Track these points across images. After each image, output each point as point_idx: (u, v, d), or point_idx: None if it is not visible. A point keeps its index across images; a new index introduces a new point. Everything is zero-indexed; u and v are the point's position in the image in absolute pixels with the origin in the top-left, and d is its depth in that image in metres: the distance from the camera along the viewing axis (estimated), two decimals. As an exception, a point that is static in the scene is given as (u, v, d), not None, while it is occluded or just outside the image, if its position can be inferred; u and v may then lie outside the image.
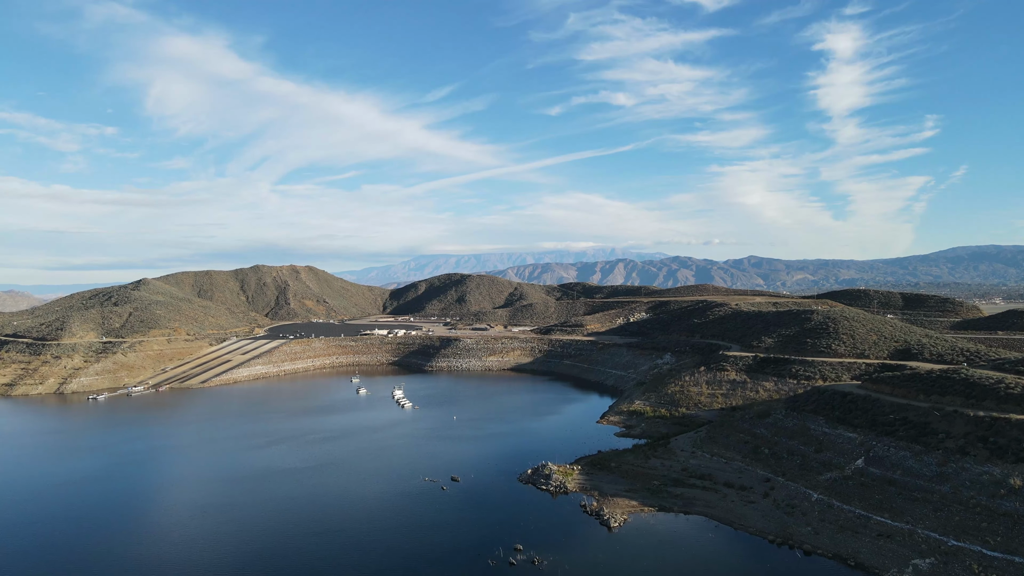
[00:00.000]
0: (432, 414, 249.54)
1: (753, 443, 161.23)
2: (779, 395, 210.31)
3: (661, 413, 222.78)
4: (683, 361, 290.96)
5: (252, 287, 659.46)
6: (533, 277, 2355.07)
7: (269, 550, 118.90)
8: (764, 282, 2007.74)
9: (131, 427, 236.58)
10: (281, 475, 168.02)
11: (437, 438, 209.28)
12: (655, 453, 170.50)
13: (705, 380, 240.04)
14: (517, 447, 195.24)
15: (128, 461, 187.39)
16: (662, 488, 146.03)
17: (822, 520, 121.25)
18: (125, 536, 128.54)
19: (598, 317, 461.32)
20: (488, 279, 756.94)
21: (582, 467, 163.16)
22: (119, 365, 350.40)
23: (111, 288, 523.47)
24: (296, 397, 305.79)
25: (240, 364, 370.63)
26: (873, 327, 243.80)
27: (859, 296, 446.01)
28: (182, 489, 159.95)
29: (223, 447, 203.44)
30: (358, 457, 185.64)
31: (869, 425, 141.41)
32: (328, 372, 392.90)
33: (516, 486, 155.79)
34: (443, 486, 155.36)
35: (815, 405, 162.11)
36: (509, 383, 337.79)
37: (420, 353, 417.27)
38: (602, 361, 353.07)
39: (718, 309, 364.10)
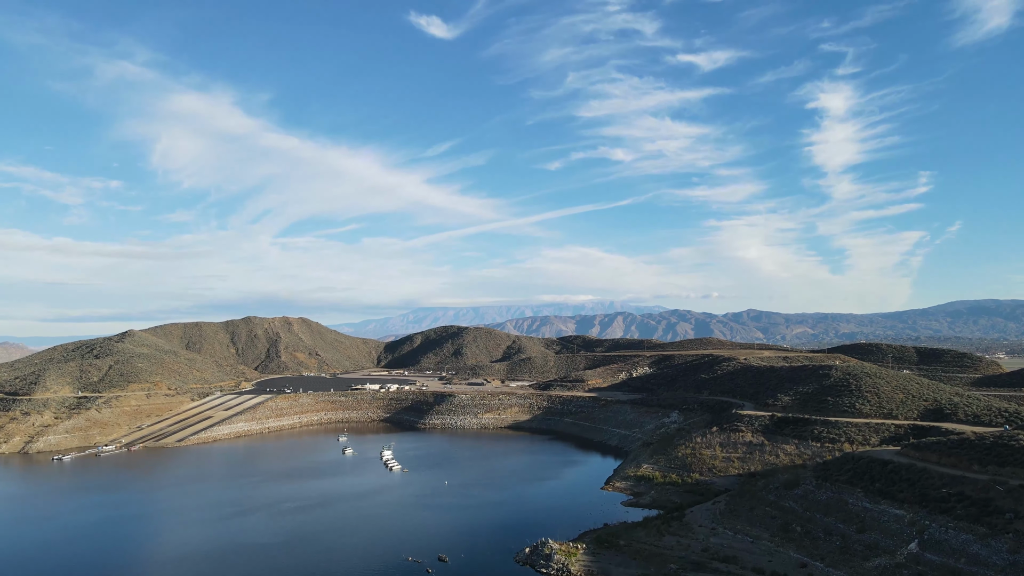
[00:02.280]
0: (422, 478, 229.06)
1: (782, 519, 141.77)
2: (801, 460, 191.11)
3: (672, 479, 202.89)
4: (692, 420, 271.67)
5: (243, 339, 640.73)
6: (532, 330, 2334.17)
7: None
8: (764, 335, 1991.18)
9: (90, 493, 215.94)
10: (244, 553, 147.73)
11: (426, 507, 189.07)
12: (669, 529, 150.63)
13: (718, 442, 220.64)
14: (514, 518, 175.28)
15: (75, 534, 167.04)
16: (680, 574, 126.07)
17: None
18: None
19: (599, 372, 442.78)
20: (485, 332, 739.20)
21: (587, 545, 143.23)
22: (91, 422, 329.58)
23: (95, 340, 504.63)
24: (277, 458, 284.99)
25: (221, 421, 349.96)
26: (899, 384, 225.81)
27: (872, 351, 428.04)
28: (124, 570, 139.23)
29: (186, 517, 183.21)
30: (336, 530, 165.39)
31: (919, 501, 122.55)
32: (315, 429, 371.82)
33: (512, 568, 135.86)
34: (428, 568, 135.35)
35: (850, 475, 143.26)
36: (506, 443, 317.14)
37: (413, 409, 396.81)
38: (605, 419, 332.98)
39: (726, 364, 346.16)
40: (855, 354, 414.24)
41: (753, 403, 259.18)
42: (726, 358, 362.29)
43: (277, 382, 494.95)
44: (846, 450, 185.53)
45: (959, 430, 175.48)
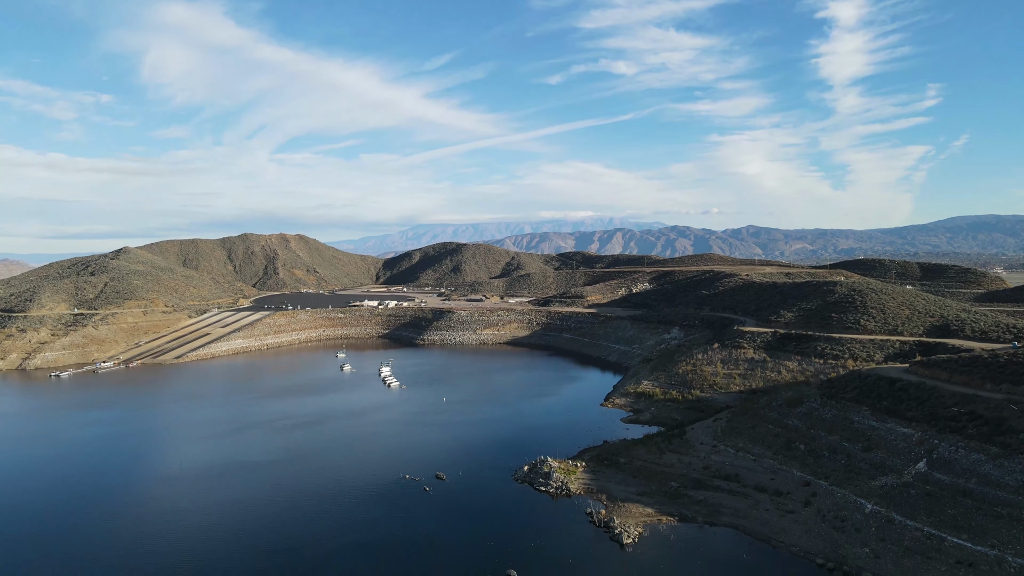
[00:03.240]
0: (420, 395, 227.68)
1: (785, 436, 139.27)
2: (804, 377, 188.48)
3: (672, 396, 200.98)
4: (693, 336, 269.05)
5: (240, 256, 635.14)
6: (531, 247, 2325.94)
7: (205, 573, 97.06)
8: (762, 251, 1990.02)
9: (88, 410, 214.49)
10: (240, 471, 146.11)
11: (424, 424, 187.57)
12: (670, 446, 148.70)
13: (720, 358, 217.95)
14: (512, 435, 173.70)
15: (73, 451, 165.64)
16: (681, 492, 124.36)
17: (882, 539, 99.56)
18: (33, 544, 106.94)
19: (599, 288, 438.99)
20: (484, 248, 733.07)
21: (587, 463, 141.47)
22: (89, 339, 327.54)
23: (90, 257, 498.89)
24: (275, 375, 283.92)
25: (219, 338, 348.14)
26: (904, 300, 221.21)
27: (874, 266, 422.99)
28: (118, 489, 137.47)
29: (183, 434, 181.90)
30: (333, 448, 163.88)
31: (928, 419, 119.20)
32: (314, 346, 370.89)
33: (510, 486, 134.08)
34: (426, 486, 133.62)
35: (856, 392, 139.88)
36: (505, 359, 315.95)
37: (411, 326, 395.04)
38: (604, 335, 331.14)
39: (728, 280, 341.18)
40: (857, 270, 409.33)
41: (755, 320, 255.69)
42: (727, 274, 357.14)
43: (275, 299, 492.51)
44: (850, 367, 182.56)
45: (966, 347, 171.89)
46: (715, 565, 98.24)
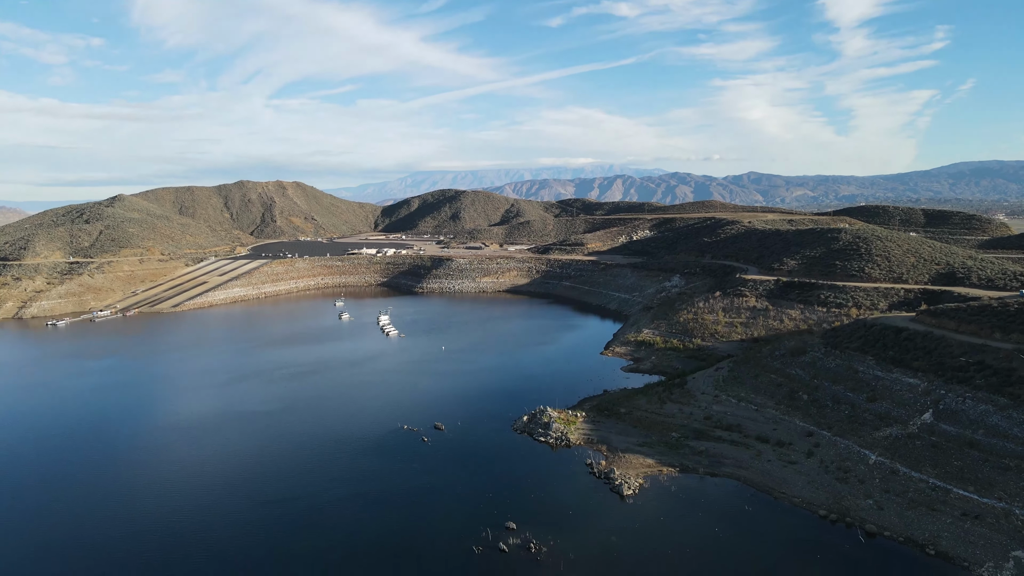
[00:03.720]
0: (419, 343, 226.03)
1: (788, 386, 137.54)
2: (807, 325, 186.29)
3: (673, 344, 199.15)
4: (694, 284, 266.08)
5: (236, 204, 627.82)
6: (530, 194, 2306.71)
7: (199, 527, 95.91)
8: (763, 198, 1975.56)
9: (84, 359, 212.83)
10: (235, 422, 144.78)
11: (422, 373, 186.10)
12: (671, 396, 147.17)
13: (721, 307, 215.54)
14: (511, 384, 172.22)
15: (70, 401, 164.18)
16: (682, 442, 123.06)
17: (886, 491, 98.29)
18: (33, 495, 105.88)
19: (599, 235, 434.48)
20: (484, 195, 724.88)
21: (587, 413, 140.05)
22: (85, 287, 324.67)
23: (84, 205, 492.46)
24: (272, 323, 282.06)
25: (216, 286, 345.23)
26: (910, 248, 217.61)
27: (878, 213, 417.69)
28: (116, 439, 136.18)
29: (178, 384, 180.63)
30: (330, 398, 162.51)
31: (934, 369, 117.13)
32: (312, 294, 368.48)
33: (510, 437, 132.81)
34: (424, 437, 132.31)
35: (861, 342, 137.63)
36: (504, 307, 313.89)
37: (410, 274, 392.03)
38: (604, 283, 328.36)
39: (729, 227, 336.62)
40: (861, 216, 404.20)
41: (757, 267, 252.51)
42: (729, 221, 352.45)
43: (273, 247, 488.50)
44: (853, 315, 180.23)
45: (973, 295, 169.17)
46: (716, 516, 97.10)
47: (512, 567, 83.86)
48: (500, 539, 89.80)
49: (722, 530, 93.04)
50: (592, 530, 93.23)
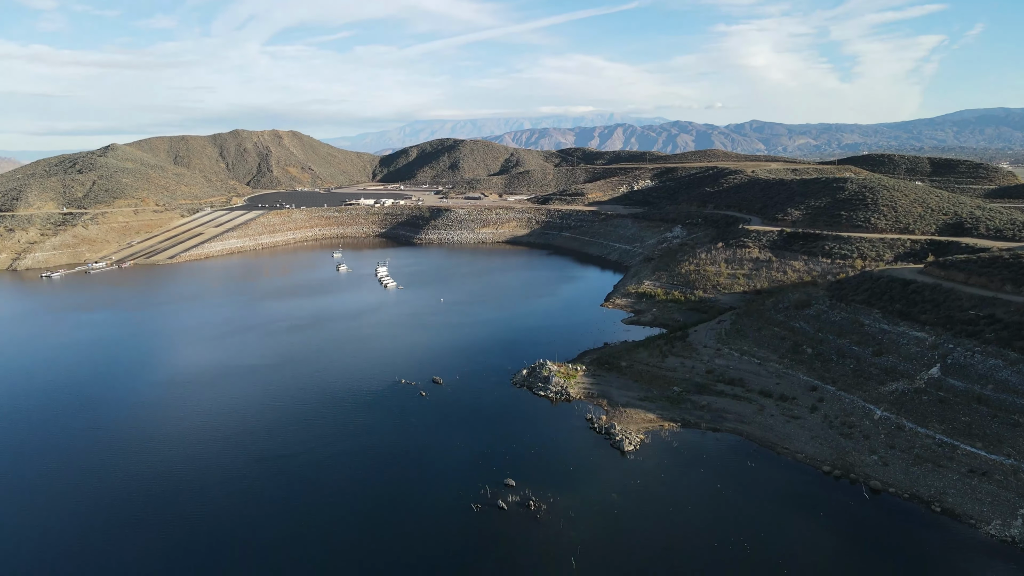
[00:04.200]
0: (417, 296, 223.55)
1: (792, 340, 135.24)
2: (811, 277, 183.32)
3: (674, 296, 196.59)
4: (696, 235, 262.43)
5: (232, 154, 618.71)
6: (530, 143, 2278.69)
7: (193, 484, 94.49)
8: (765, 147, 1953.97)
9: (79, 311, 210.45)
10: (231, 376, 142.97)
11: (421, 326, 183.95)
12: (672, 349, 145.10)
13: (723, 258, 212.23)
14: (510, 337, 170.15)
15: (65, 354, 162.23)
16: (683, 396, 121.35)
17: (891, 447, 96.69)
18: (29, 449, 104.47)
19: (599, 185, 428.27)
20: (483, 144, 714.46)
21: (587, 366, 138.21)
22: (79, 239, 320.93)
23: (77, 155, 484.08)
24: (270, 275, 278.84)
25: (213, 238, 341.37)
26: (917, 197, 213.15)
27: (883, 162, 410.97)
28: (112, 394, 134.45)
29: (173, 338, 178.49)
30: (327, 351, 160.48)
31: (943, 323, 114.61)
32: (309, 245, 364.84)
33: (509, 391, 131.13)
34: (422, 391, 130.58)
35: (867, 295, 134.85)
36: (503, 258, 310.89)
37: (409, 224, 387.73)
38: (605, 234, 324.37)
39: (732, 177, 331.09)
40: (866, 165, 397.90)
41: (761, 218, 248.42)
42: (732, 170, 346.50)
43: (269, 197, 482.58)
44: (858, 267, 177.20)
45: (981, 245, 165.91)
46: (718, 473, 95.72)
47: (511, 525, 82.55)
48: (499, 496, 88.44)
49: (724, 486, 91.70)
50: (592, 487, 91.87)
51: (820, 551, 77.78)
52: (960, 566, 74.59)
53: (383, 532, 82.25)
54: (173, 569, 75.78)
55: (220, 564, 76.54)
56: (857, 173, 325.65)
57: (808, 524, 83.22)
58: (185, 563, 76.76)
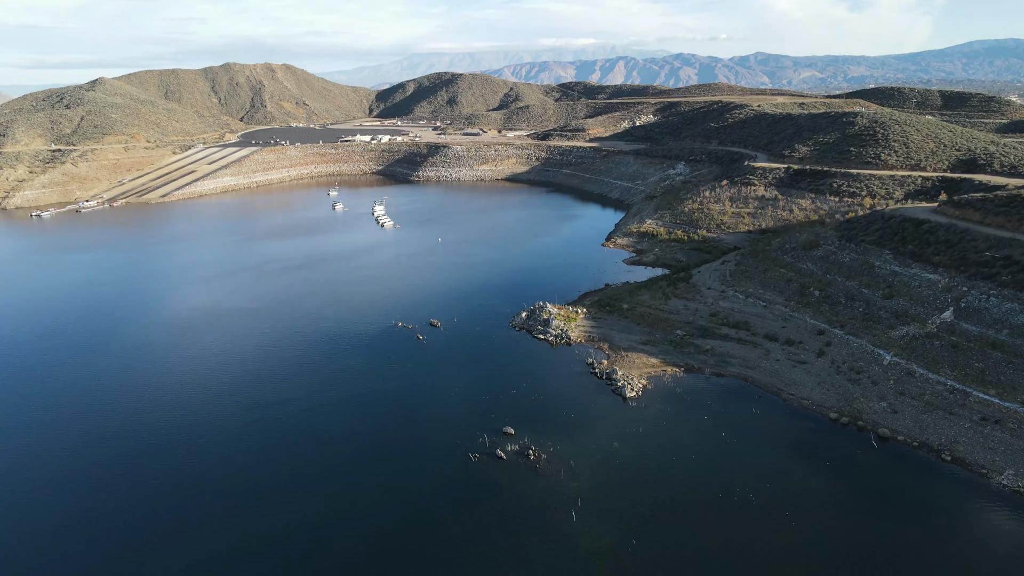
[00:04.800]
0: (415, 235, 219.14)
1: (799, 281, 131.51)
2: (818, 215, 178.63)
3: (677, 236, 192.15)
4: (699, 172, 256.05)
5: (224, 88, 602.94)
6: (530, 77, 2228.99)
7: (182, 431, 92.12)
8: (769, 80, 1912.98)
9: (68, 252, 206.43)
10: (223, 319, 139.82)
11: (418, 267, 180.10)
12: (675, 291, 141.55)
13: (728, 196, 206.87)
14: (510, 278, 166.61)
15: (55, 296, 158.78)
16: (687, 340, 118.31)
17: (900, 393, 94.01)
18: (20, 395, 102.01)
19: (600, 120, 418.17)
20: (481, 78, 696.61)
21: (587, 309, 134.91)
22: (69, 177, 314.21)
23: (64, 89, 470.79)
24: (264, 215, 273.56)
25: (206, 175, 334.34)
26: (929, 132, 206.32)
27: (892, 95, 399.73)
28: (104, 337, 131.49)
29: (163, 279, 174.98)
30: (322, 294, 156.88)
31: (957, 265, 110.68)
32: (305, 183, 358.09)
33: (508, 334, 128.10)
34: (419, 334, 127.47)
35: (878, 235, 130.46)
36: (503, 196, 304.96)
37: (406, 161, 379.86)
38: (606, 171, 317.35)
39: (737, 111, 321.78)
40: (875, 99, 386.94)
41: (767, 154, 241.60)
42: (737, 105, 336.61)
43: (263, 134, 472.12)
44: (867, 205, 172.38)
45: (994, 183, 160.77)
46: (722, 419, 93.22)
47: (511, 476, 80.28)
48: (498, 446, 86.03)
49: (728, 435, 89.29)
50: (593, 435, 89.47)
51: (827, 501, 75.72)
52: (971, 516, 72.57)
53: (377, 483, 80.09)
54: (162, 519, 73.74)
55: (211, 514, 74.44)
56: (866, 107, 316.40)
57: (814, 473, 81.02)
58: (174, 513, 74.68)
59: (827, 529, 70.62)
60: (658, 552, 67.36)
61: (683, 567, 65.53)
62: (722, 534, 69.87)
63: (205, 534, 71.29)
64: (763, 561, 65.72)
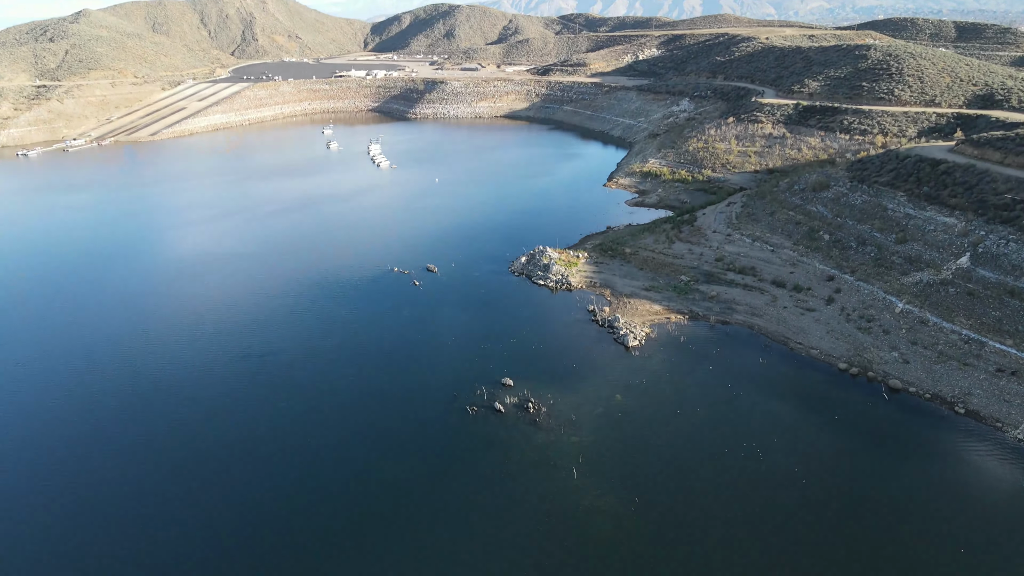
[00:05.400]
0: (411, 175, 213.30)
1: (808, 225, 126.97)
2: (827, 155, 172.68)
3: (681, 175, 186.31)
4: (704, 108, 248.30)
5: (213, 20, 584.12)
6: (529, 8, 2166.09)
7: (170, 383, 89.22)
8: (775, 11, 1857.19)
9: (53, 193, 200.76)
10: (210, 265, 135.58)
11: (415, 209, 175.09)
12: (680, 234, 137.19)
13: (734, 134, 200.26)
14: (509, 220, 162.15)
15: (42, 238, 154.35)
16: (691, 286, 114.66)
17: (913, 343, 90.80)
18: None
19: (602, 54, 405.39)
20: (480, 10, 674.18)
21: (589, 253, 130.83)
22: (55, 114, 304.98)
23: (47, 21, 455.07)
24: (256, 153, 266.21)
25: (196, 112, 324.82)
26: (946, 66, 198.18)
27: (905, 27, 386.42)
28: (78, 284, 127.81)
29: (152, 223, 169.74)
30: (315, 238, 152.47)
31: (975, 208, 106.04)
32: (299, 120, 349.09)
33: (506, 280, 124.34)
34: (415, 280, 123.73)
35: (892, 176, 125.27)
36: (502, 134, 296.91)
37: (402, 98, 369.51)
38: (608, 107, 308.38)
39: (744, 44, 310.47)
40: (887, 31, 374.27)
41: (775, 90, 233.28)
42: (744, 38, 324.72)
43: (255, 69, 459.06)
44: (879, 143, 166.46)
45: (1012, 119, 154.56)
46: (728, 371, 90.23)
47: (509, 431, 77.62)
48: (496, 398, 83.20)
49: (734, 386, 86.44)
50: (594, 387, 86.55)
51: (836, 456, 73.15)
52: (985, 472, 70.15)
53: (370, 438, 77.47)
54: (149, 474, 71.34)
55: (199, 469, 71.96)
56: (879, 39, 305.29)
57: (823, 427, 78.35)
58: (162, 470, 72.21)
59: (836, 486, 68.23)
60: (661, 512, 65.10)
61: (687, 528, 63.29)
62: (728, 492, 67.57)
63: (192, 489, 68.90)
64: (771, 522, 63.42)
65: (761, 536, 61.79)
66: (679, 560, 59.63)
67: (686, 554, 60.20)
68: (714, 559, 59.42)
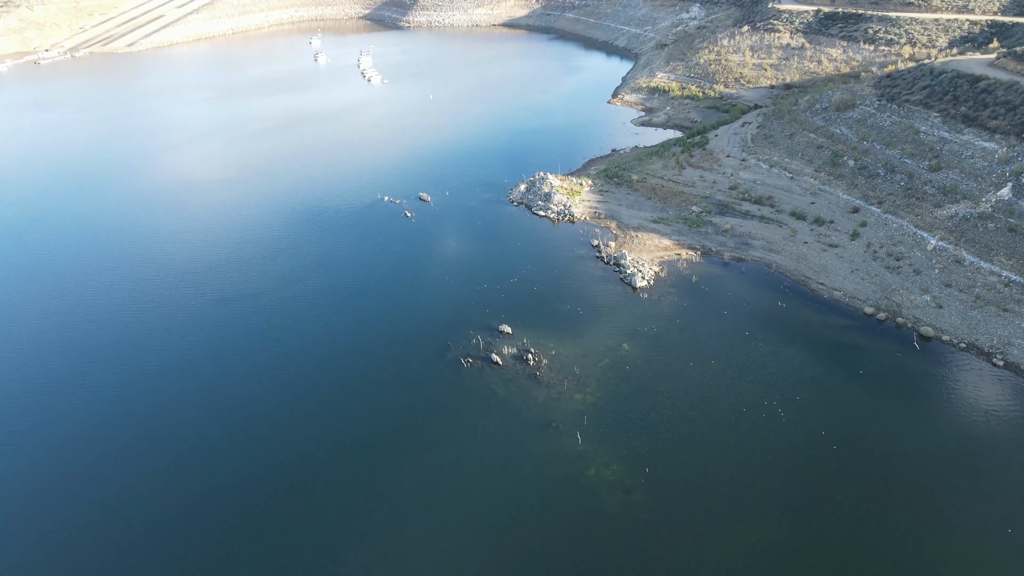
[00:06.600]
0: (404, 91, 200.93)
1: (831, 149, 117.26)
2: (848, 68, 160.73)
3: (691, 91, 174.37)
4: (716, 16, 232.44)
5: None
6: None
7: (138, 331, 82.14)
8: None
9: (17, 111, 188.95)
10: (186, 193, 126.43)
11: (407, 129, 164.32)
12: (691, 159, 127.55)
13: (748, 45, 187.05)
14: (507, 142, 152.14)
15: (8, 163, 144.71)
16: (704, 218, 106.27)
17: (947, 285, 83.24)
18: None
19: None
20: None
21: (593, 180, 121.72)
22: (25, 23, 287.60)
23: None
24: (239, 66, 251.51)
25: (176, 21, 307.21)
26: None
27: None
28: (37, 210, 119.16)
29: (120, 146, 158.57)
30: (299, 161, 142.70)
31: (1018, 131, 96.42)
32: (286, 29, 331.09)
33: (505, 210, 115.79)
34: (407, 211, 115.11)
35: (925, 94, 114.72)
36: (500, 45, 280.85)
37: (394, 4, 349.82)
38: (612, 15, 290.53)
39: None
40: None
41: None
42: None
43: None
44: (906, 55, 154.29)
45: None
46: (744, 316, 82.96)
47: (507, 387, 70.87)
48: (493, 348, 76.26)
49: (752, 333, 79.39)
50: (600, 334, 79.50)
51: (864, 415, 66.73)
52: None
53: (355, 393, 70.92)
54: (119, 432, 65.13)
55: (165, 428, 65.71)
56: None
57: (848, 380, 71.65)
58: (133, 429, 65.94)
59: (869, 453, 62.04)
60: (674, 482, 59.08)
61: (703, 499, 57.36)
62: (747, 457, 61.41)
63: (163, 445, 62.77)
64: (799, 499, 57.41)
65: (786, 516, 55.83)
66: (693, 539, 53.86)
67: (698, 535, 54.39)
68: (730, 536, 53.65)
